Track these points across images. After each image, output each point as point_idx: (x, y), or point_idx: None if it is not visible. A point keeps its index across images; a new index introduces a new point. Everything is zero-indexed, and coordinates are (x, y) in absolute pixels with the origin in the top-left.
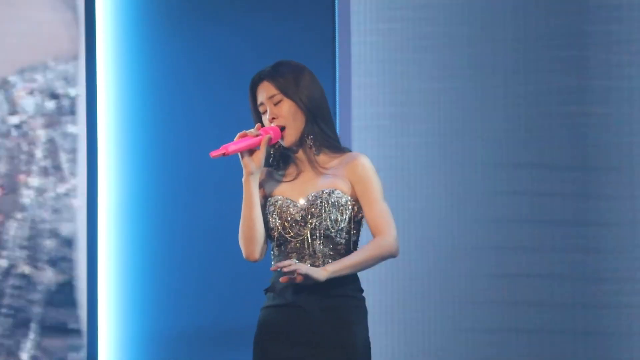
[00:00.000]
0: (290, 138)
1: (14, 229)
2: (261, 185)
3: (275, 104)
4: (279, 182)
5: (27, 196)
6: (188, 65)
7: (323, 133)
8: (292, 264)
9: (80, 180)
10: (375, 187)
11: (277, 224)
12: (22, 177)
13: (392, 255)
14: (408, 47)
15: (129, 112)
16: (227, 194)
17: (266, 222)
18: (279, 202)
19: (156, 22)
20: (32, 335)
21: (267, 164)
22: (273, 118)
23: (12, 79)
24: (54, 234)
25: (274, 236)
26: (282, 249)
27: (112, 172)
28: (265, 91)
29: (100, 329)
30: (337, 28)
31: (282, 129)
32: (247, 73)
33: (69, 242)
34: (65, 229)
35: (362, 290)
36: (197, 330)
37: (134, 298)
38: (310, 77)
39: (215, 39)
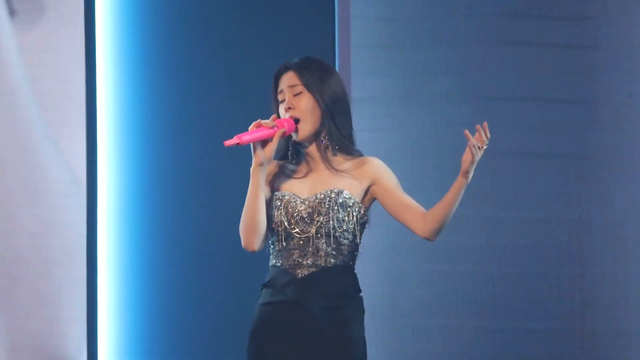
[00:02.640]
0: (303, 132)
1: None
2: (270, 178)
3: (295, 95)
4: (289, 177)
5: None
6: (188, 66)
7: (339, 133)
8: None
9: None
10: (397, 180)
11: (283, 219)
12: None
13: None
14: (408, 47)
15: (128, 112)
16: (226, 194)
17: (270, 216)
18: (286, 197)
19: (156, 22)
20: None
21: (284, 156)
22: (289, 108)
23: None
24: None
25: (278, 231)
26: (285, 244)
27: (112, 172)
28: (288, 80)
29: (100, 329)
30: (337, 28)
31: (297, 121)
32: (247, 73)
33: None
34: None
35: (360, 290)
36: (197, 331)
37: (134, 298)
38: (336, 80)
39: (216, 39)
